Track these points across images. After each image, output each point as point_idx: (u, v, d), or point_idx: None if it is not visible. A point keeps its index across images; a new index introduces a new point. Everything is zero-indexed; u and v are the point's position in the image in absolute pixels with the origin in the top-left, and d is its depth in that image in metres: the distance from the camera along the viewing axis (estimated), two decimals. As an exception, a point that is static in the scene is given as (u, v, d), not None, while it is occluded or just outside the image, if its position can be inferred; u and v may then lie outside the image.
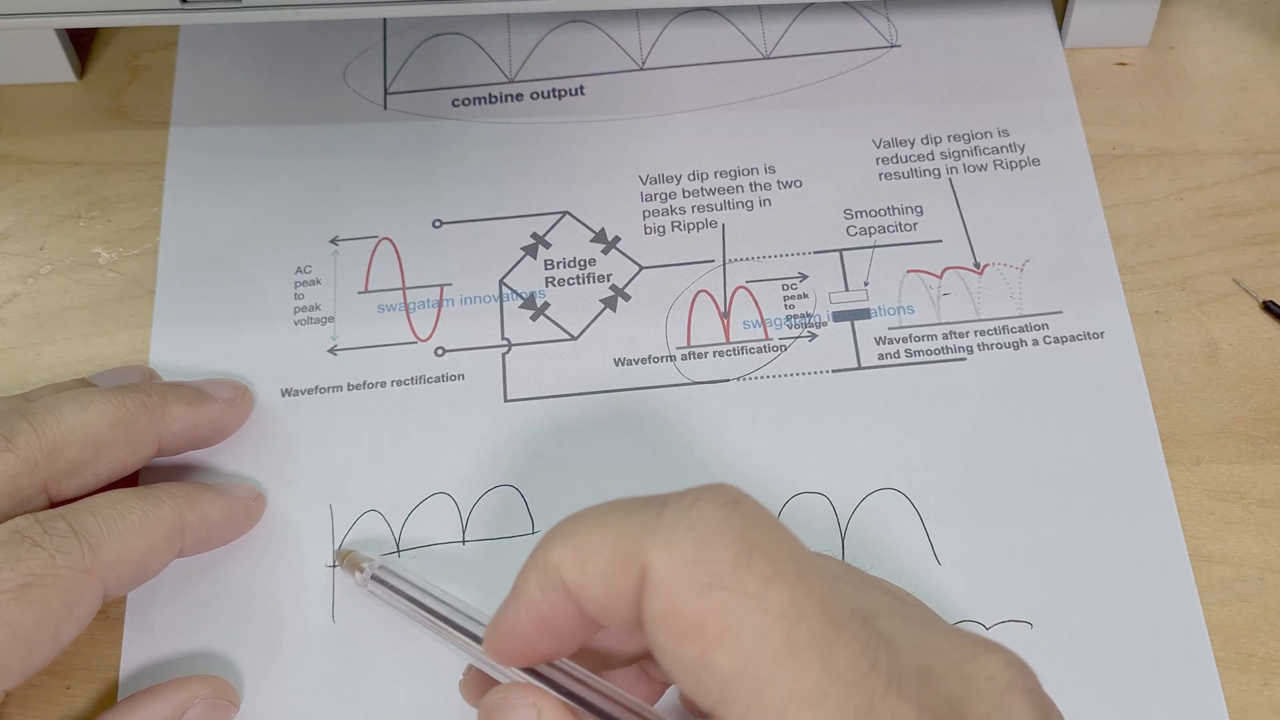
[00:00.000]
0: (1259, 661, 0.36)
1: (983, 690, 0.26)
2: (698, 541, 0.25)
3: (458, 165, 0.44)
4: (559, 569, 0.27)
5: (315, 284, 0.42)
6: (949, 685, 0.26)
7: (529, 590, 0.27)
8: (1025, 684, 0.26)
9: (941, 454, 0.39)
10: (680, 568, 0.25)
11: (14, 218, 0.44)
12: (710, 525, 0.26)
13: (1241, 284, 0.41)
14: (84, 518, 0.33)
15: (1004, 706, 0.26)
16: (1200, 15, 0.46)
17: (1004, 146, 0.44)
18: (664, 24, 0.46)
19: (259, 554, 0.38)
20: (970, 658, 0.26)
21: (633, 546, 0.26)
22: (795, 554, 0.26)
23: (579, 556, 0.27)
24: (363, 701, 0.36)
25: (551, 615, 0.27)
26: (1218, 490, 0.38)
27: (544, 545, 0.27)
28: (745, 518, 0.26)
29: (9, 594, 0.31)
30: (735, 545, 0.25)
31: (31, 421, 0.34)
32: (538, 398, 0.40)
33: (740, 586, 0.25)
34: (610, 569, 0.26)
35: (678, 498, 0.26)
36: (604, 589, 0.26)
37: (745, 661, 0.24)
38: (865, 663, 0.25)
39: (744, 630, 0.24)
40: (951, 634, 0.27)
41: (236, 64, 0.46)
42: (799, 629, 0.25)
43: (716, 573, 0.25)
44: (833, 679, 0.24)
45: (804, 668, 0.24)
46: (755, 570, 0.25)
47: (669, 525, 0.26)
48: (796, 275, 0.42)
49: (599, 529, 0.27)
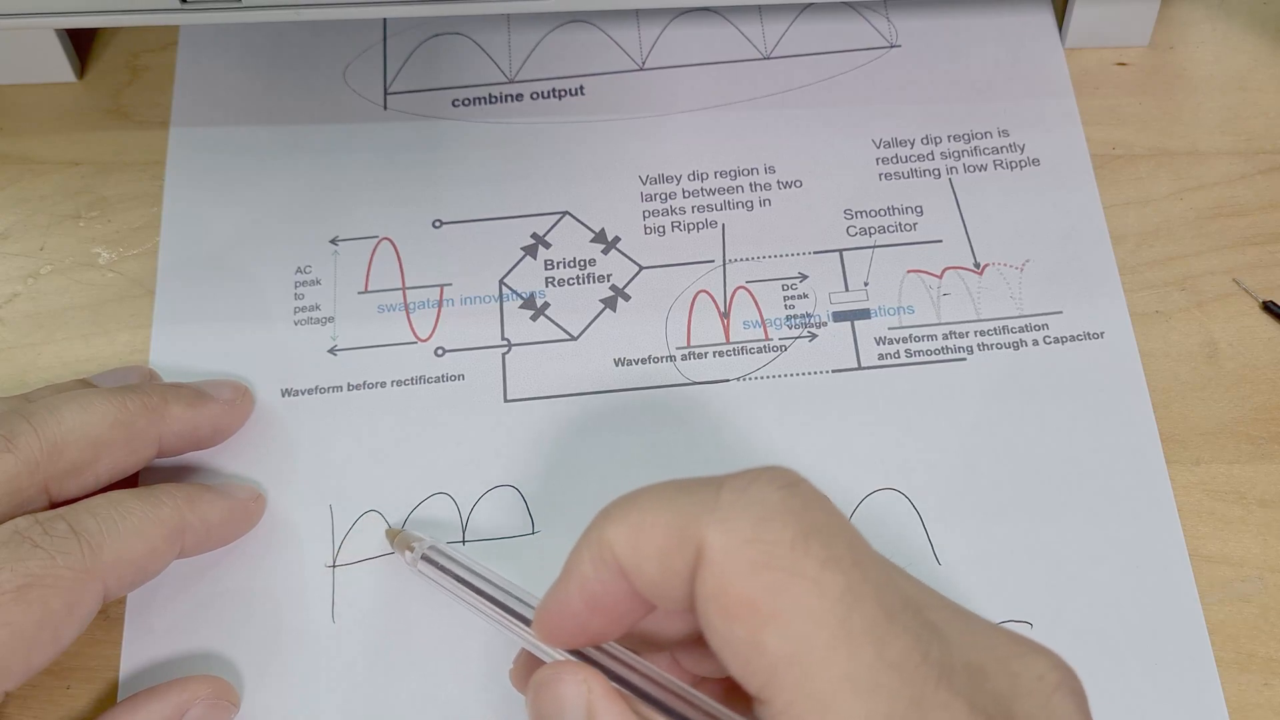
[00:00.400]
0: (1259, 661, 0.36)
1: (1031, 689, 0.26)
2: (754, 522, 0.25)
3: (458, 165, 0.44)
4: (613, 546, 0.27)
5: (315, 284, 0.42)
6: (997, 682, 0.25)
7: (582, 568, 0.27)
8: (1072, 686, 0.26)
9: (941, 454, 0.39)
10: (736, 547, 0.25)
11: (14, 218, 0.44)
12: (767, 506, 0.25)
13: (1241, 284, 0.41)
14: (84, 518, 0.33)
15: (1052, 706, 0.25)
16: (1200, 15, 0.46)
17: (1004, 146, 0.44)
18: (664, 24, 0.46)
19: (259, 554, 0.38)
20: (1018, 655, 0.26)
21: (688, 525, 0.25)
22: (851, 539, 0.26)
23: (633, 534, 0.26)
24: (363, 701, 0.36)
25: (604, 594, 0.27)
26: (1218, 490, 0.38)
27: (598, 523, 0.27)
28: (803, 499, 0.26)
29: (9, 594, 0.31)
30: (792, 527, 0.25)
31: (32, 422, 0.34)
32: (538, 398, 0.40)
33: (796, 568, 0.25)
34: (665, 547, 0.26)
35: (735, 478, 0.26)
36: (658, 567, 0.26)
37: (797, 644, 0.24)
38: (918, 654, 0.24)
39: (798, 613, 0.24)
40: (998, 631, 0.27)
41: (236, 64, 0.46)
42: (854, 615, 0.24)
43: (772, 554, 0.25)
44: (886, 667, 0.24)
45: (857, 654, 0.24)
46: (812, 553, 0.25)
47: (726, 505, 0.25)
48: (796, 275, 0.42)
49: (654, 507, 0.26)
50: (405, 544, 0.36)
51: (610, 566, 0.27)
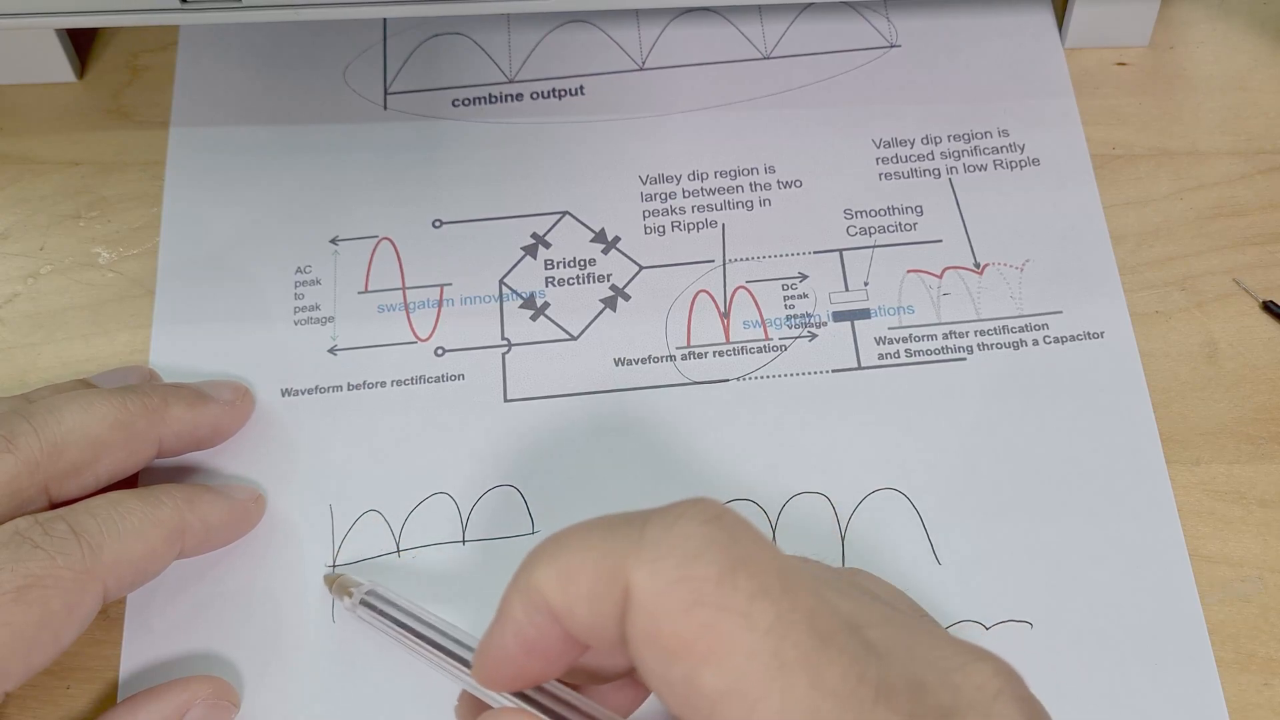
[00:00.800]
0: (1259, 661, 0.36)
1: (972, 700, 0.26)
2: (681, 559, 0.25)
3: (458, 165, 0.44)
4: (542, 591, 0.26)
5: (315, 284, 0.42)
6: (939, 695, 0.25)
7: (514, 614, 0.27)
8: (1014, 691, 0.26)
9: (941, 454, 0.39)
10: (664, 587, 0.25)
11: (14, 218, 0.44)
12: (693, 542, 0.25)
13: (1241, 284, 0.41)
14: (84, 519, 0.33)
15: (994, 715, 0.25)
16: (1200, 15, 0.46)
17: (1004, 146, 0.44)
18: (664, 24, 0.46)
19: (259, 554, 0.38)
20: (959, 667, 0.26)
21: (615, 566, 0.25)
22: (780, 567, 0.25)
23: (562, 578, 0.26)
24: (363, 701, 0.36)
25: (538, 638, 0.27)
26: (1218, 490, 0.38)
27: (526, 567, 0.27)
28: (728, 532, 0.25)
29: (9, 595, 0.31)
30: (719, 562, 0.25)
31: (32, 422, 0.34)
32: (538, 398, 0.40)
33: (725, 604, 0.24)
34: (594, 590, 0.26)
35: (660, 514, 0.26)
36: (588, 610, 0.26)
37: (734, 680, 0.24)
38: (854, 676, 0.24)
39: (731, 649, 0.24)
40: (941, 642, 0.27)
41: (236, 64, 0.46)
42: (785, 645, 0.24)
43: (701, 590, 0.25)
44: (822, 694, 0.24)
45: (792, 684, 0.24)
46: (740, 586, 0.25)
47: (651, 543, 0.25)
48: (796, 275, 0.42)
49: (581, 549, 0.26)
50: (344, 589, 0.36)
51: (541, 611, 0.27)
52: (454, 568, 0.38)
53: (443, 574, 0.38)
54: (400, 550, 0.38)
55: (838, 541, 0.38)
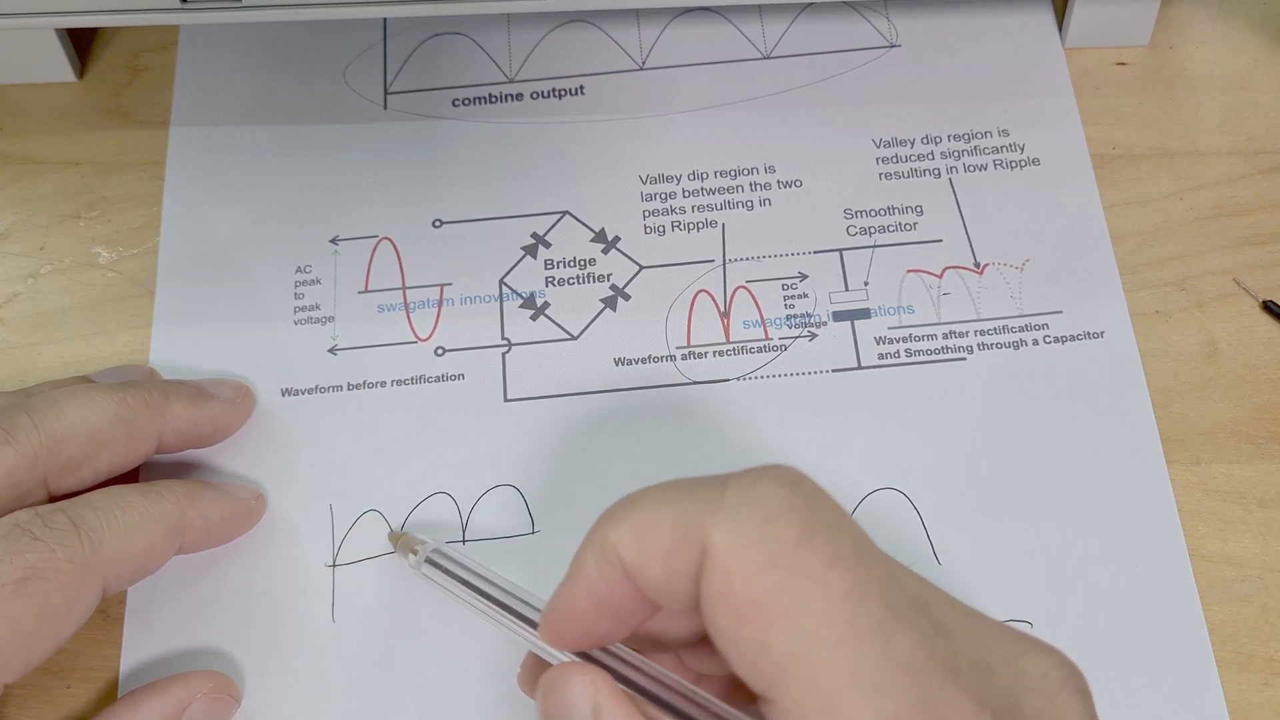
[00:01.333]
0: (1259, 661, 0.36)
1: (1037, 687, 0.26)
2: (759, 521, 0.25)
3: (458, 165, 0.44)
4: (617, 548, 0.26)
5: (315, 284, 0.42)
6: (1004, 679, 0.25)
7: (587, 570, 0.27)
8: (1077, 684, 0.26)
9: (941, 454, 0.39)
10: (741, 547, 0.25)
11: (14, 218, 0.44)
12: (772, 504, 0.25)
13: (1241, 284, 0.41)
14: (85, 512, 0.33)
15: (1058, 704, 0.25)
16: (1200, 15, 0.46)
17: (1004, 146, 0.44)
18: (664, 24, 0.46)
19: (259, 553, 0.38)
20: (1024, 653, 0.26)
21: (693, 525, 0.25)
22: (855, 537, 0.26)
23: (637, 535, 0.26)
24: (363, 701, 0.36)
25: (609, 596, 0.27)
26: (1218, 490, 0.38)
27: (602, 524, 0.27)
28: (806, 498, 0.26)
29: (9, 587, 0.31)
30: (797, 526, 0.25)
31: (32, 416, 0.34)
32: (538, 398, 0.40)
33: (801, 568, 0.25)
34: (670, 547, 0.26)
35: (738, 476, 0.26)
36: (663, 568, 0.26)
37: (804, 644, 0.24)
38: (923, 652, 0.24)
39: (804, 612, 0.24)
40: (1003, 629, 0.27)
41: (236, 64, 0.46)
42: (859, 613, 0.24)
43: (777, 553, 0.25)
44: (892, 666, 0.24)
45: (864, 653, 0.24)
46: (817, 552, 0.25)
47: (730, 504, 0.25)
48: (796, 275, 0.42)
49: (658, 507, 0.26)
50: (409, 547, 0.36)
51: (615, 568, 0.27)
52: (454, 567, 0.38)
53: (443, 574, 0.38)
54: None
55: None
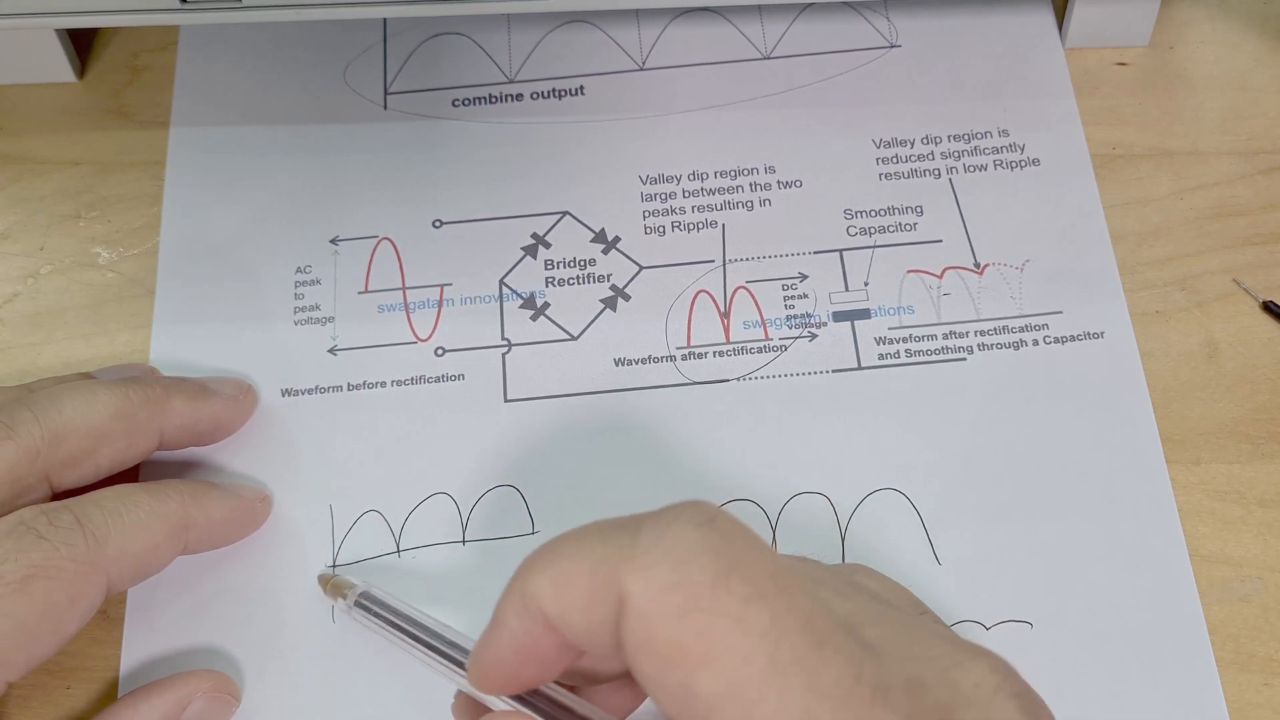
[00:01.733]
0: (1259, 661, 0.36)
1: (970, 697, 0.26)
2: (674, 565, 0.25)
3: (458, 165, 0.44)
4: (537, 599, 0.26)
5: (315, 284, 0.42)
6: (937, 693, 0.25)
7: (509, 622, 0.27)
8: (1012, 688, 0.26)
9: (941, 454, 0.39)
10: (658, 593, 0.25)
11: (14, 218, 0.44)
12: (687, 547, 0.25)
13: (1241, 284, 0.41)
14: (90, 510, 0.33)
15: (992, 712, 0.26)
16: (1200, 15, 0.46)
17: (1004, 146, 0.44)
18: (664, 24, 0.46)
19: (260, 553, 0.38)
20: (957, 664, 0.26)
21: (609, 573, 0.25)
22: (774, 569, 0.25)
23: (556, 586, 0.26)
24: (363, 701, 0.36)
25: (532, 645, 0.27)
26: (1218, 490, 0.38)
27: (521, 575, 0.27)
28: (722, 536, 0.25)
29: (12, 585, 0.31)
30: (712, 566, 0.25)
31: (34, 410, 0.34)
32: (538, 398, 0.40)
33: (720, 609, 0.24)
34: (588, 598, 0.25)
35: (653, 519, 0.26)
36: (583, 618, 0.26)
37: (730, 685, 0.24)
38: (850, 678, 0.24)
39: (727, 654, 0.24)
40: (938, 640, 0.27)
41: (236, 64, 0.46)
42: (781, 649, 0.24)
43: (696, 595, 0.24)
44: (818, 696, 0.24)
45: (788, 687, 0.24)
46: (734, 591, 0.24)
47: (644, 550, 0.25)
48: (796, 275, 0.42)
49: (574, 557, 0.26)
50: (339, 590, 0.36)
51: (536, 619, 0.27)
52: (454, 568, 0.38)
53: (442, 574, 0.38)
54: (400, 550, 0.38)
55: (838, 542, 0.38)
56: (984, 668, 0.26)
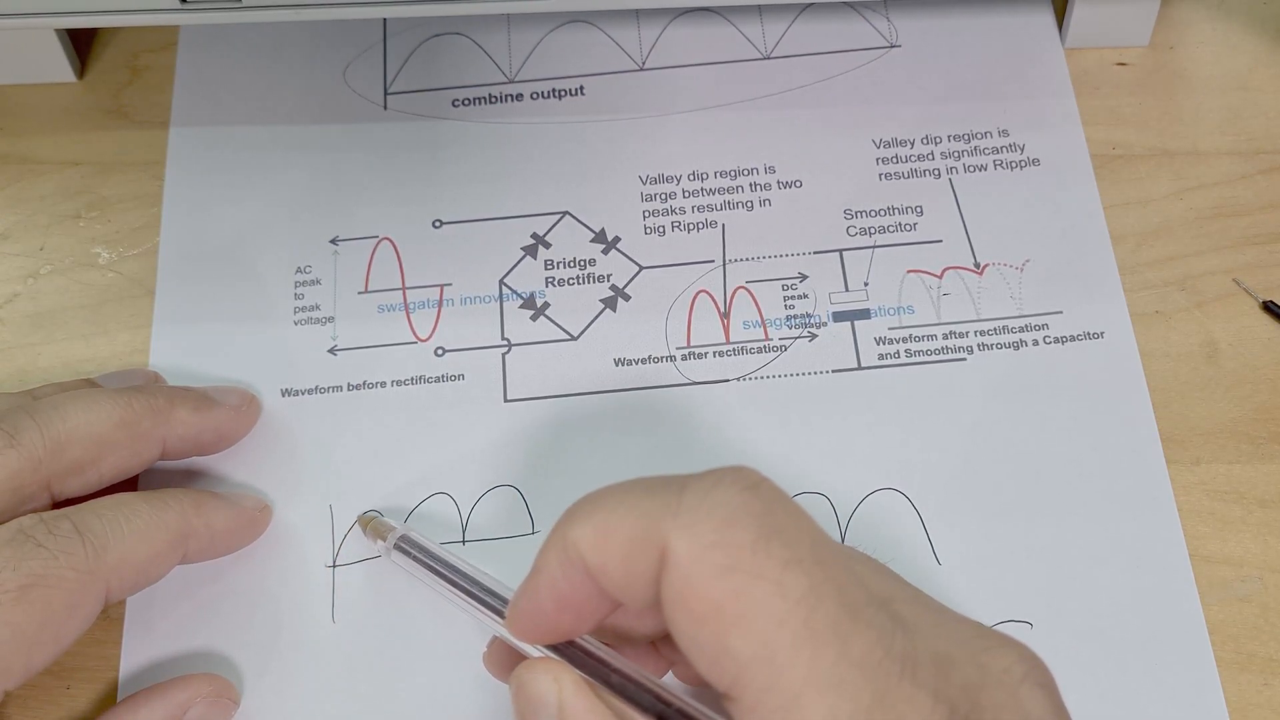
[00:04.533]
0: (1259, 661, 0.36)
1: (999, 681, 0.26)
2: (717, 525, 0.25)
3: (458, 165, 0.44)
4: (578, 547, 0.27)
5: (315, 284, 0.42)
6: (965, 673, 0.26)
7: (549, 568, 0.28)
8: (1039, 678, 0.27)
9: (941, 454, 0.39)
10: (700, 551, 0.25)
11: (14, 218, 0.44)
12: (730, 508, 0.26)
13: (1241, 284, 0.41)
14: (89, 519, 0.33)
15: (1020, 698, 0.26)
16: (1200, 15, 0.46)
17: (1004, 146, 0.44)
18: (664, 24, 0.46)
19: (259, 554, 0.38)
20: (987, 649, 0.26)
21: (652, 528, 0.26)
22: (813, 538, 0.26)
23: (598, 535, 0.27)
24: (363, 701, 0.36)
25: (571, 593, 0.27)
26: (1218, 490, 0.38)
27: (564, 523, 0.27)
28: (764, 501, 0.26)
29: (11, 594, 0.31)
30: (754, 529, 0.25)
31: (36, 419, 0.34)
32: (538, 398, 0.40)
33: (758, 571, 0.25)
34: (629, 550, 0.26)
35: (698, 479, 0.26)
36: (623, 569, 0.26)
37: (762, 646, 0.25)
38: (880, 649, 0.25)
39: (761, 615, 0.25)
40: (968, 624, 0.27)
41: (236, 64, 0.46)
42: (816, 614, 0.25)
43: (735, 556, 0.25)
44: (849, 665, 0.24)
45: (820, 653, 0.24)
46: (774, 554, 0.25)
47: (689, 508, 0.26)
48: (796, 275, 0.42)
49: (619, 508, 0.27)
50: (378, 532, 0.37)
51: (577, 567, 0.27)
52: (454, 568, 0.38)
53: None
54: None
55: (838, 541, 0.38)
56: (1014, 655, 0.27)
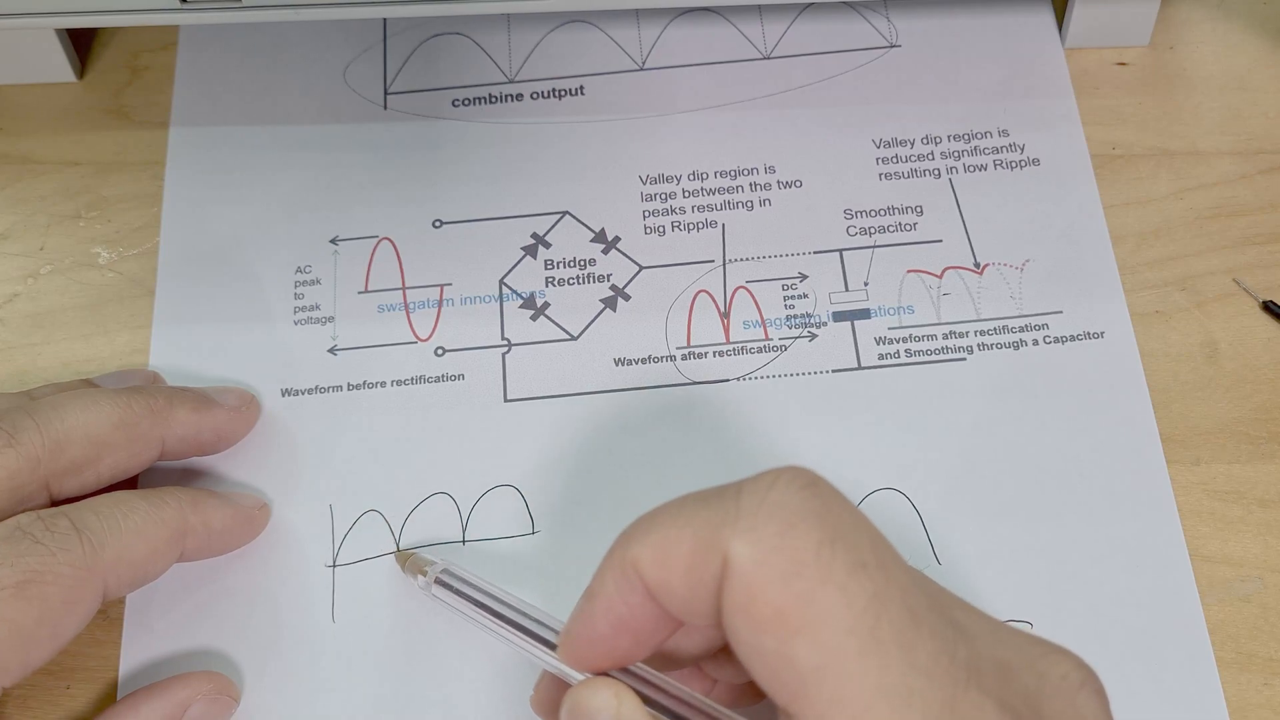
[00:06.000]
0: (1259, 661, 0.36)
1: (1057, 688, 0.26)
2: (778, 529, 0.25)
3: (458, 165, 0.44)
4: (638, 566, 0.26)
5: (315, 284, 0.42)
6: (1024, 680, 0.25)
7: (606, 591, 0.27)
8: (1095, 686, 0.26)
9: (941, 454, 0.39)
10: (762, 555, 0.25)
11: (14, 218, 0.44)
12: (789, 510, 0.25)
13: (1241, 284, 0.41)
14: (87, 516, 0.33)
15: (1078, 705, 0.25)
16: (1200, 15, 0.46)
17: (1004, 146, 0.44)
18: (664, 24, 0.46)
19: (259, 554, 0.38)
20: (1042, 655, 0.26)
21: (713, 536, 0.25)
22: (872, 540, 0.25)
23: (658, 552, 0.26)
24: (363, 701, 0.36)
25: (629, 616, 0.27)
26: (1218, 490, 0.38)
27: (621, 544, 0.27)
28: (824, 501, 0.25)
29: (8, 590, 0.31)
30: (817, 531, 0.25)
31: (36, 418, 0.34)
32: (538, 398, 0.40)
33: (824, 576, 0.24)
34: (690, 561, 0.25)
35: (752, 482, 0.26)
36: (685, 582, 0.26)
37: (828, 654, 0.24)
38: (946, 657, 0.24)
39: (827, 622, 0.24)
40: (1018, 631, 0.27)
41: (236, 64, 0.46)
42: (882, 622, 0.24)
43: (799, 560, 0.24)
44: (916, 674, 0.24)
45: (888, 663, 0.24)
46: (839, 558, 0.24)
47: (748, 512, 0.25)
48: (796, 275, 0.42)
49: (676, 522, 0.26)
50: (418, 568, 0.36)
51: (636, 587, 0.26)
52: (454, 568, 0.38)
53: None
54: (400, 550, 0.38)
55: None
56: (1069, 662, 0.26)
